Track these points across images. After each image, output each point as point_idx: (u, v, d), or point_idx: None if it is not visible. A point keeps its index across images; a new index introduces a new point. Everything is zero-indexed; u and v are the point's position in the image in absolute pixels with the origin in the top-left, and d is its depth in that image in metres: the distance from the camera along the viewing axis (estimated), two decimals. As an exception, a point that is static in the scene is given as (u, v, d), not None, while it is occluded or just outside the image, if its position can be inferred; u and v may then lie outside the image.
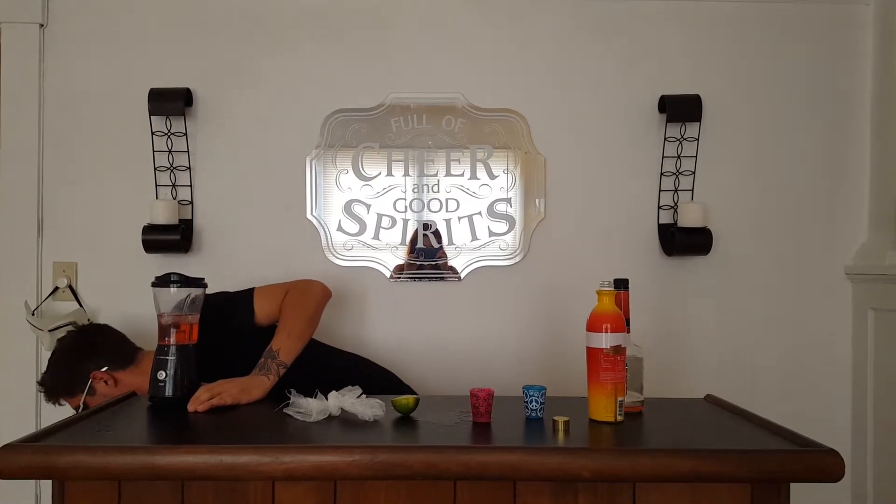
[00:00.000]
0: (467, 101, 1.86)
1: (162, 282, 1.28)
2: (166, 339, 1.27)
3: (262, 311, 1.45)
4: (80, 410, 1.43)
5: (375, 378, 1.58)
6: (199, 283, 1.31)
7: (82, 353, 1.48)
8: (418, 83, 1.86)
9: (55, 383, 1.46)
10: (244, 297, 1.47)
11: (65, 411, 1.46)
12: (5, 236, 1.82)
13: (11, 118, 1.83)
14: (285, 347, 1.35)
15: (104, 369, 1.44)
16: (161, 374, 1.24)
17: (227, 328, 1.43)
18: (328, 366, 1.53)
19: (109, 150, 1.84)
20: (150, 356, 1.32)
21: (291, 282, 1.52)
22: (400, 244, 1.86)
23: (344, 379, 1.25)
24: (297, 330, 1.38)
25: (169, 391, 1.24)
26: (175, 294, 1.27)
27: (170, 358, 1.25)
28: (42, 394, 1.49)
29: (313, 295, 1.48)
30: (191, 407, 1.20)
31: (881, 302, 1.78)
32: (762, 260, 1.88)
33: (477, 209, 1.86)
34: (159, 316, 1.28)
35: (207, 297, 1.40)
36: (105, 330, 1.56)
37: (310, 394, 1.19)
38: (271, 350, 1.34)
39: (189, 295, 1.28)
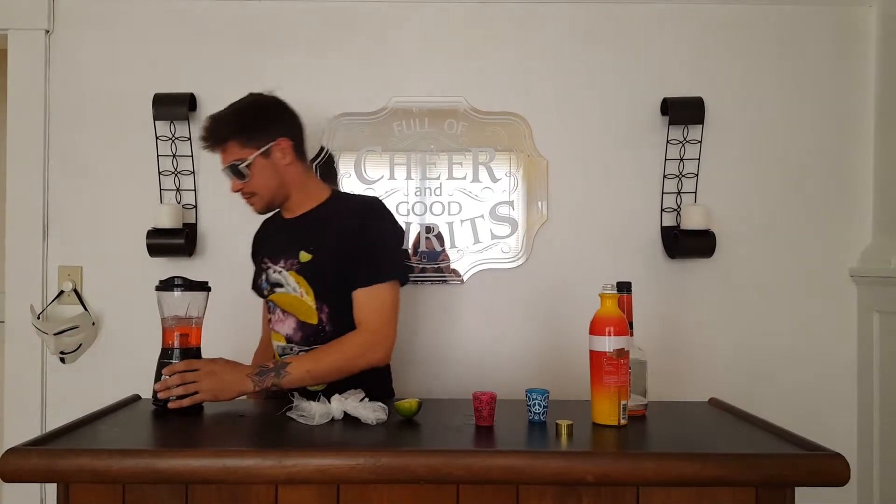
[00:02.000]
0: (469, 104, 1.87)
1: (166, 285, 1.28)
2: (170, 342, 1.27)
3: (358, 301, 1.32)
4: (234, 165, 1.33)
5: (380, 378, 1.58)
6: (202, 286, 1.32)
7: (280, 112, 1.39)
8: (420, 87, 1.87)
9: (237, 124, 1.35)
10: (381, 273, 1.32)
11: (69, 413, 1.45)
12: (11, 241, 1.83)
13: (17, 123, 1.84)
14: (295, 377, 1.25)
15: (289, 141, 1.37)
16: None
17: (350, 255, 1.32)
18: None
19: (114, 155, 1.85)
20: (314, 175, 1.24)
21: (382, 326, 1.32)
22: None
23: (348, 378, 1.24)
24: (320, 374, 1.28)
25: (173, 395, 1.24)
26: (179, 298, 1.28)
27: (174, 361, 1.25)
28: (206, 125, 1.36)
29: (366, 360, 1.30)
30: (161, 394, 1.19)
31: (886, 304, 1.77)
32: (766, 262, 1.88)
33: (479, 212, 1.86)
34: (163, 319, 1.28)
35: (386, 223, 1.36)
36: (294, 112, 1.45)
37: (312, 393, 1.19)
38: (283, 367, 1.25)
39: (193, 299, 1.29)
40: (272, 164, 1.37)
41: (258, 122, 1.37)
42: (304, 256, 1.37)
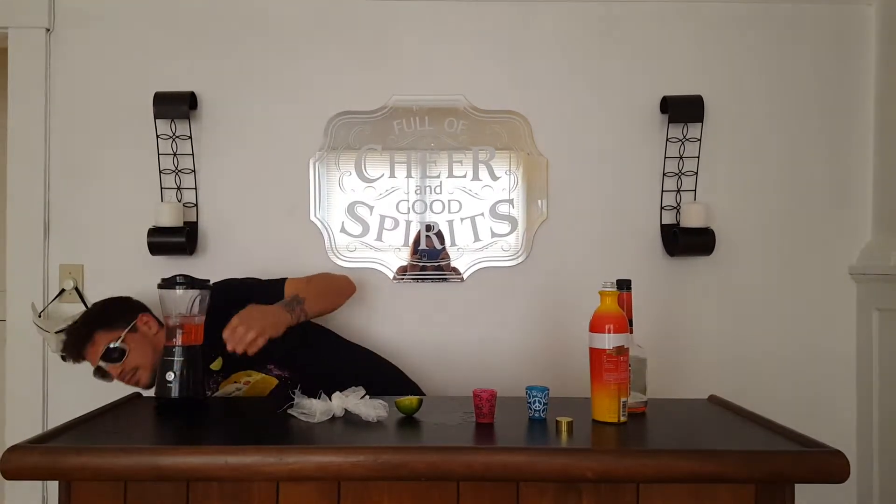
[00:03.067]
0: (469, 102, 1.87)
1: (168, 283, 1.29)
2: (173, 340, 1.27)
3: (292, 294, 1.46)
4: (108, 350, 1.42)
5: (383, 372, 1.61)
6: (204, 284, 1.32)
7: (129, 300, 1.55)
8: (420, 85, 1.87)
9: (97, 318, 1.48)
10: (275, 282, 1.51)
11: (71, 411, 1.46)
12: (12, 239, 1.84)
13: (18, 121, 1.84)
14: (311, 300, 1.39)
15: (149, 315, 1.51)
16: (170, 376, 1.24)
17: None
18: (337, 357, 1.55)
19: (115, 154, 1.85)
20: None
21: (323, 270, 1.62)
22: (403, 245, 1.86)
23: (350, 370, 1.25)
24: (325, 291, 1.48)
25: (176, 392, 1.24)
26: (181, 296, 1.28)
27: (177, 359, 1.26)
28: (65, 340, 1.48)
29: (341, 280, 1.59)
30: (238, 348, 1.22)
31: (886, 302, 1.77)
32: (765, 260, 1.88)
33: (479, 210, 1.87)
34: (166, 317, 1.29)
35: (232, 281, 1.47)
36: None
37: (315, 387, 1.19)
38: (298, 297, 1.39)
39: (195, 296, 1.29)
40: (143, 336, 1.47)
41: (114, 311, 1.50)
42: (216, 365, 1.44)
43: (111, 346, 1.43)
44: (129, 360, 1.42)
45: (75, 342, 1.46)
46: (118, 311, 1.50)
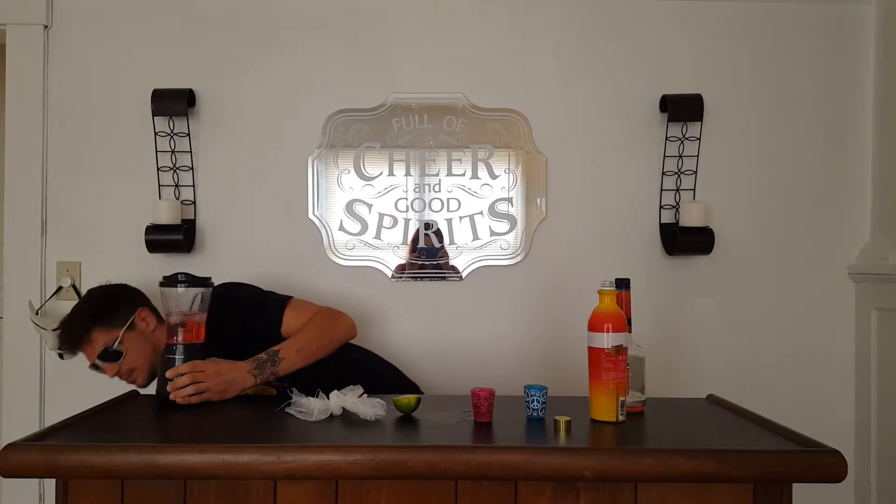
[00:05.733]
0: (468, 100, 1.86)
1: (170, 282, 1.29)
2: (174, 338, 1.27)
3: (290, 323, 1.41)
4: (105, 350, 1.38)
5: (381, 370, 1.60)
6: (206, 282, 1.32)
7: (127, 291, 1.48)
8: (419, 83, 1.86)
9: (94, 313, 1.40)
10: (277, 304, 1.43)
11: (68, 408, 1.45)
12: (10, 236, 1.83)
13: (16, 118, 1.83)
14: (288, 361, 1.31)
15: (148, 310, 1.45)
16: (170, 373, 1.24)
17: (248, 328, 1.40)
18: (334, 356, 1.54)
19: (113, 151, 1.85)
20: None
21: (325, 306, 1.47)
22: (401, 244, 1.86)
23: (348, 369, 1.25)
24: (309, 350, 1.35)
25: (184, 395, 1.24)
26: (183, 294, 1.28)
27: (178, 357, 1.25)
28: (62, 335, 1.41)
29: (340, 327, 1.43)
30: (172, 395, 1.21)
31: (884, 302, 1.77)
32: (764, 260, 1.88)
33: (478, 209, 1.86)
34: (167, 315, 1.28)
35: (239, 288, 1.41)
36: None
37: (313, 386, 1.19)
38: (276, 355, 1.31)
39: (197, 294, 1.29)
40: (140, 333, 1.42)
41: (111, 306, 1.43)
42: None
43: (108, 346, 1.39)
44: (125, 361, 1.40)
45: (72, 338, 1.41)
46: (116, 305, 1.43)
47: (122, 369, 1.40)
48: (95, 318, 1.41)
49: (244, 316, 1.38)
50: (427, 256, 1.86)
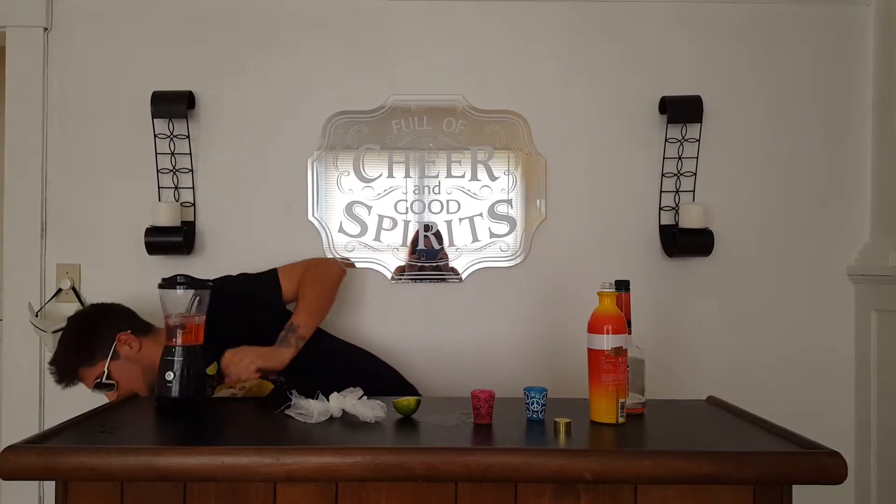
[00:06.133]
0: (468, 102, 1.87)
1: (169, 283, 1.28)
2: (173, 340, 1.27)
3: (287, 287, 1.50)
4: (98, 383, 1.39)
5: (380, 374, 1.60)
6: (205, 284, 1.32)
7: (103, 317, 1.46)
8: (419, 85, 1.87)
9: (76, 351, 1.41)
10: (269, 277, 1.51)
11: (68, 411, 1.45)
12: (9, 238, 1.83)
13: (15, 121, 1.83)
14: (305, 323, 1.42)
15: (128, 332, 1.43)
16: (170, 375, 1.24)
17: (252, 306, 1.45)
18: (334, 358, 1.55)
19: (112, 153, 1.85)
20: (163, 330, 1.29)
21: (308, 259, 1.58)
22: (401, 245, 1.86)
23: (348, 372, 1.25)
24: (317, 307, 1.47)
25: (176, 391, 1.23)
26: (182, 295, 1.27)
27: (176, 359, 1.25)
28: (54, 373, 1.43)
29: (330, 274, 1.56)
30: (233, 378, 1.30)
31: (884, 303, 1.77)
32: (764, 261, 1.88)
33: (478, 210, 1.86)
34: (166, 317, 1.28)
35: (224, 280, 1.44)
36: (115, 304, 1.54)
37: (313, 387, 1.19)
38: (292, 324, 1.41)
39: (196, 296, 1.29)
40: (126, 360, 1.42)
41: (89, 338, 1.42)
42: (212, 369, 1.39)
43: (98, 381, 1.40)
44: (120, 387, 1.41)
45: (62, 379, 1.42)
46: (94, 339, 1.41)
47: (122, 393, 1.41)
48: (77, 357, 1.41)
49: (246, 301, 1.40)
50: (427, 258, 1.86)
